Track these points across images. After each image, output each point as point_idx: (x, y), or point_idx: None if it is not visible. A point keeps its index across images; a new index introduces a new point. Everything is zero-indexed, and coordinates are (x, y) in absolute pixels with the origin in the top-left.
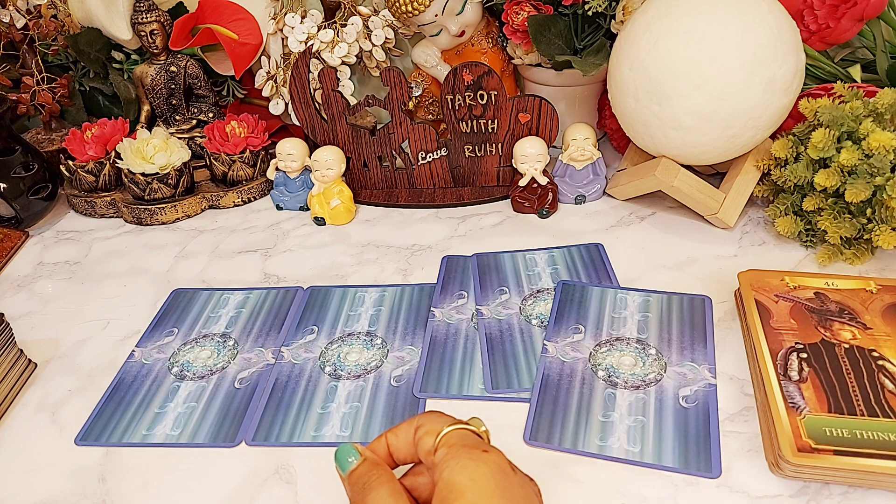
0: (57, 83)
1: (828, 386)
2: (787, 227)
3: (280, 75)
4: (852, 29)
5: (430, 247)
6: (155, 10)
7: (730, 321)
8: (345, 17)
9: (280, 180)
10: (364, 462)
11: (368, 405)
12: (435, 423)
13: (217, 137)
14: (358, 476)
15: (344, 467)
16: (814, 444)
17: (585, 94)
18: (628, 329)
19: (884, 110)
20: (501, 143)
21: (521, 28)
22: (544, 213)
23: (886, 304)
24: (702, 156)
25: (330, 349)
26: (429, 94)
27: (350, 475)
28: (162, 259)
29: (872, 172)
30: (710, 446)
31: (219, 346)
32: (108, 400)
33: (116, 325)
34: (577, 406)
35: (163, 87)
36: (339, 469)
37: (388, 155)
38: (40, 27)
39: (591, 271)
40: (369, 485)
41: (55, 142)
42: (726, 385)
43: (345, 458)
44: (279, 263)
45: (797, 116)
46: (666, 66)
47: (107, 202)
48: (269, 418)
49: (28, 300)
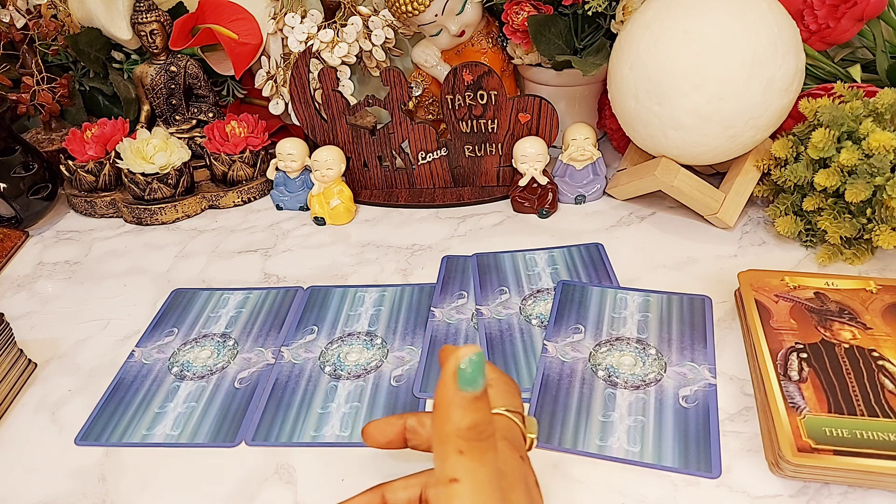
0: (57, 83)
1: (828, 386)
2: (787, 227)
3: (280, 75)
4: (852, 29)
5: (430, 247)
6: (155, 10)
7: (730, 321)
8: (345, 17)
9: (280, 180)
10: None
11: (368, 405)
12: (499, 396)
13: (217, 137)
14: (481, 420)
15: (476, 383)
16: (814, 444)
17: (585, 94)
18: (628, 329)
19: (884, 110)
20: (501, 143)
21: (521, 28)
22: (544, 213)
23: (886, 304)
24: (702, 156)
25: (330, 349)
26: (429, 94)
27: (474, 408)
28: (162, 259)
29: (872, 172)
30: (710, 446)
31: (219, 345)
32: (108, 400)
33: (116, 325)
34: (577, 406)
35: (163, 87)
36: (466, 384)
37: (388, 155)
38: (40, 27)
39: (591, 271)
40: (490, 439)
41: (55, 142)
42: (726, 385)
43: (479, 375)
44: (279, 263)
45: (797, 116)
46: (666, 65)
47: (107, 202)
48: (268, 418)
49: (28, 300)
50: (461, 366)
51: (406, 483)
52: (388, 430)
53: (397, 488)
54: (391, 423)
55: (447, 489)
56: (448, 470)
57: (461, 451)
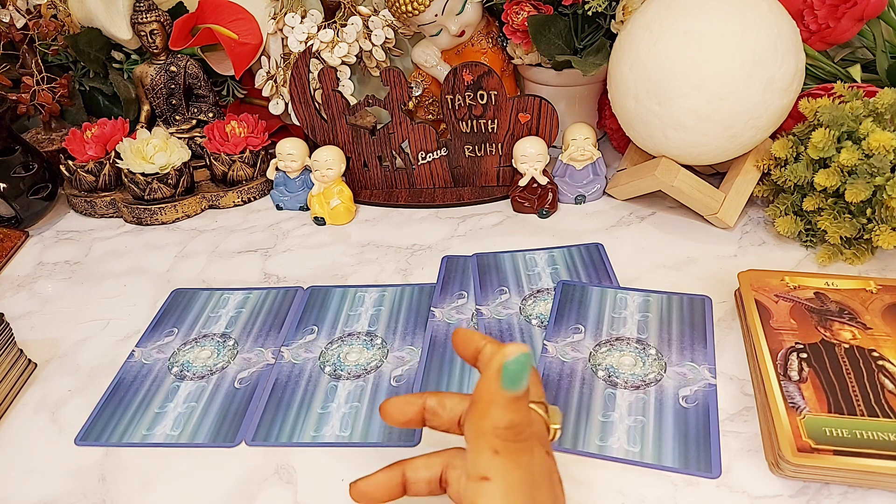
0: (57, 83)
1: (828, 386)
2: (787, 227)
3: (280, 75)
4: (852, 29)
5: (430, 247)
6: (155, 10)
7: (730, 321)
8: (345, 17)
9: (280, 180)
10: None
11: (368, 405)
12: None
13: (217, 137)
14: (520, 421)
15: (520, 384)
16: (814, 444)
17: (585, 94)
18: (628, 329)
19: (884, 110)
20: (501, 143)
21: (521, 28)
22: (544, 213)
23: (886, 304)
24: (702, 156)
25: (330, 349)
26: (429, 94)
27: (514, 408)
28: (162, 259)
29: (872, 172)
30: (710, 446)
31: (219, 345)
32: (107, 400)
33: (116, 325)
34: (577, 406)
35: (163, 87)
36: (509, 383)
37: (388, 155)
38: (40, 27)
39: (591, 271)
40: (528, 441)
41: (55, 142)
42: (726, 385)
43: (524, 375)
44: (279, 263)
45: (797, 116)
46: (666, 65)
47: (107, 202)
48: (268, 418)
49: (28, 300)
50: (507, 364)
51: (428, 462)
52: (407, 409)
53: (419, 466)
54: (410, 402)
55: (477, 486)
56: (481, 467)
57: (496, 450)
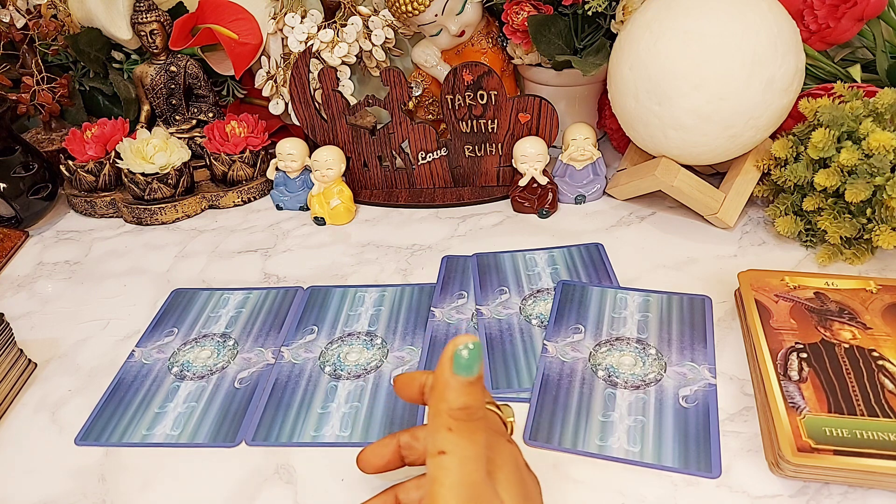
0: (57, 83)
1: (828, 386)
2: (787, 227)
3: (280, 75)
4: (852, 29)
5: (430, 247)
6: (155, 10)
7: (730, 321)
8: (345, 16)
9: (280, 180)
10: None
11: (368, 405)
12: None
13: (217, 137)
14: (472, 403)
15: (471, 370)
16: (814, 444)
17: (585, 94)
18: (628, 329)
19: (884, 110)
20: (501, 143)
21: (521, 28)
22: (544, 213)
23: (886, 304)
24: (702, 156)
25: (330, 349)
26: (429, 94)
27: (467, 392)
28: (162, 259)
29: (872, 172)
30: (710, 446)
31: (219, 345)
32: (107, 400)
33: (116, 325)
34: (577, 406)
35: (163, 87)
36: (461, 369)
37: (388, 155)
38: (40, 27)
39: (591, 271)
40: (480, 421)
41: (55, 142)
42: (726, 385)
43: (475, 362)
44: (279, 263)
45: (797, 116)
46: (666, 65)
47: (107, 202)
48: (268, 418)
49: (28, 300)
50: (459, 351)
51: (418, 483)
52: (383, 452)
53: (410, 488)
54: (385, 444)
55: (435, 460)
56: (438, 443)
57: (450, 428)
